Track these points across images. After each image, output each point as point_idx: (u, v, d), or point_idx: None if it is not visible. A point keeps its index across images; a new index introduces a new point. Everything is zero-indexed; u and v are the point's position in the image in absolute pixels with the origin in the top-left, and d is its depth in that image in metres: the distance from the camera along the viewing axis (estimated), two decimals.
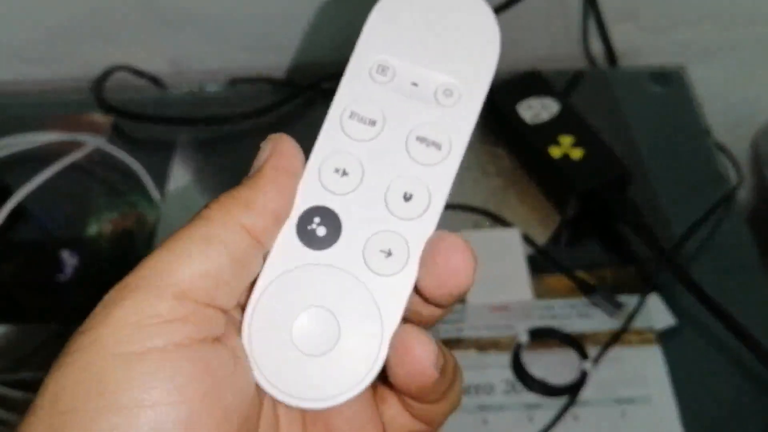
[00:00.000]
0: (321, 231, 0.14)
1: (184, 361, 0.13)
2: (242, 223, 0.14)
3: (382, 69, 0.15)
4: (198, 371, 0.13)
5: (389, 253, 0.14)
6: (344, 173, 0.15)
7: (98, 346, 0.13)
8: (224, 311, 0.14)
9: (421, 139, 0.14)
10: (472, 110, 0.14)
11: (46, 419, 0.12)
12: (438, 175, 0.14)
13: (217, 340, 0.14)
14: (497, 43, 0.15)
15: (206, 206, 0.15)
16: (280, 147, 0.15)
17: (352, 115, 0.15)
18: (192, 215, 0.15)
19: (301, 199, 0.15)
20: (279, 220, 0.15)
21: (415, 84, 0.15)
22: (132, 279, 0.14)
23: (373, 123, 0.15)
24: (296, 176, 0.15)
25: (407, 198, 0.14)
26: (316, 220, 0.14)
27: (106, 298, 0.14)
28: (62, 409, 0.12)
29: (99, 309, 0.14)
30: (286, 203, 0.15)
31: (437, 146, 0.14)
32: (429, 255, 0.15)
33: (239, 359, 0.14)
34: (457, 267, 0.14)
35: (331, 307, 0.14)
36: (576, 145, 0.39)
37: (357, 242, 0.14)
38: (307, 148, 0.16)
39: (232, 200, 0.15)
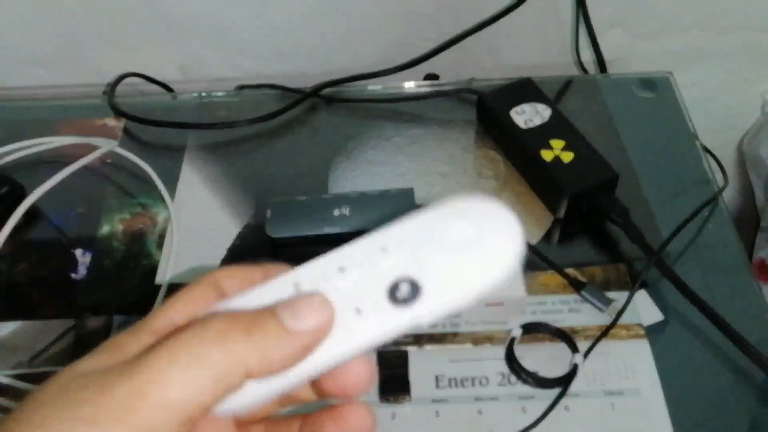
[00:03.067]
0: None
1: None
2: (244, 362, 0.16)
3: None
4: None
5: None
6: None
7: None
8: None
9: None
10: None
11: None
12: None
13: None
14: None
15: (210, 319, 0.16)
16: (323, 326, 0.16)
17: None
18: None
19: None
20: (271, 373, 0.16)
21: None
22: (146, 387, 0.15)
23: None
24: (306, 353, 0.16)
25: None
26: None
27: (125, 385, 0.15)
28: None
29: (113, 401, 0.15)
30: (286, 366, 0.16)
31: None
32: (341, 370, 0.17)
33: None
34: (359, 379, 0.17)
35: None
36: (566, 148, 0.41)
37: None
38: (308, 147, 0.17)
39: (237, 331, 0.16)
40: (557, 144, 0.41)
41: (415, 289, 0.16)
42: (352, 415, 0.18)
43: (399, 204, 0.40)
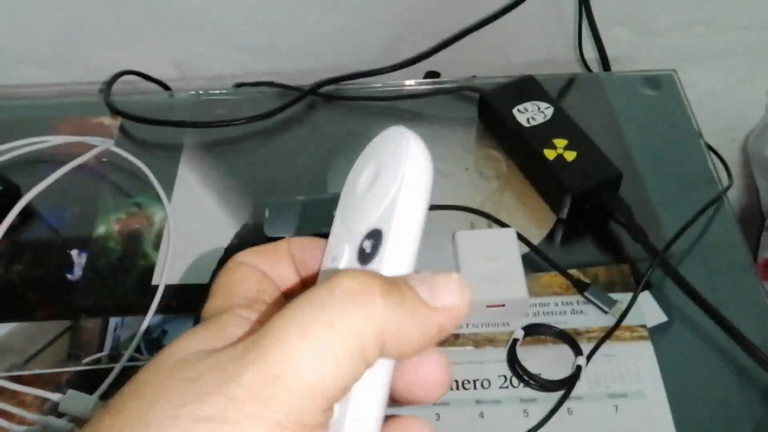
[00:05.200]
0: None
1: None
2: (382, 331, 0.13)
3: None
4: None
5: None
6: None
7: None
8: None
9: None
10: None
11: None
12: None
13: None
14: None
15: (338, 278, 0.13)
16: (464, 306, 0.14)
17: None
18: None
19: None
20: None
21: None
22: (281, 370, 0.12)
23: None
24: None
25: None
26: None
27: (255, 371, 0.12)
28: None
29: (254, 381, 0.12)
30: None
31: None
32: (412, 367, 0.15)
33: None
34: (435, 382, 0.15)
35: None
36: (569, 147, 0.40)
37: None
38: (307, 146, 0.17)
39: (374, 291, 0.13)
40: (560, 143, 0.41)
41: (374, 245, 0.15)
42: (410, 429, 0.15)
43: None
